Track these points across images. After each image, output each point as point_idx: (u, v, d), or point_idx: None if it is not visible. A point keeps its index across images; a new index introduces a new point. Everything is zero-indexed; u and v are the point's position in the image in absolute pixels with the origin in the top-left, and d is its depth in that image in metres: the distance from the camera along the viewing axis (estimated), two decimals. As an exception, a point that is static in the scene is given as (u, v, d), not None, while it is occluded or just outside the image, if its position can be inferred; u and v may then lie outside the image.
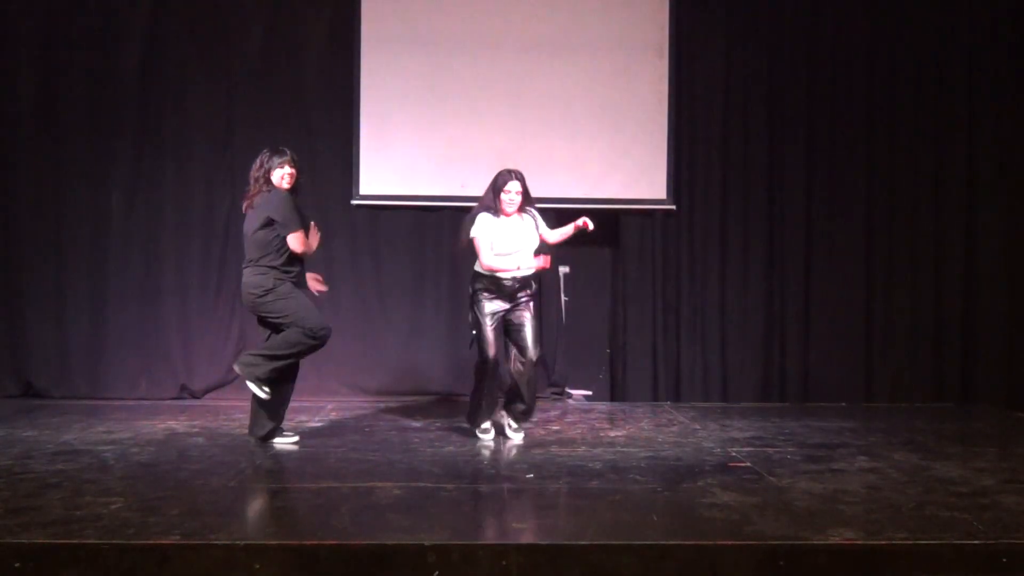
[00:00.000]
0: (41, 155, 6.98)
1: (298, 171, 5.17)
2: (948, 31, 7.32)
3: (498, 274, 5.24)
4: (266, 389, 4.98)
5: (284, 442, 5.18)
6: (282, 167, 5.08)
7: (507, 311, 5.28)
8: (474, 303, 5.32)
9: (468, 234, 5.31)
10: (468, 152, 7.08)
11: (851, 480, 4.43)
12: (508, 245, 5.27)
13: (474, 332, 5.33)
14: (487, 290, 5.27)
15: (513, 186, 5.29)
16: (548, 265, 5.38)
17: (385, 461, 4.79)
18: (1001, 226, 7.31)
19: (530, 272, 5.34)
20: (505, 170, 5.36)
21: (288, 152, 5.14)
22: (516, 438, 5.41)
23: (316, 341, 5.07)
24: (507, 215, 5.32)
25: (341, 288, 7.18)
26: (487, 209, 5.32)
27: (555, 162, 7.06)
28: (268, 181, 5.07)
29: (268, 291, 5.00)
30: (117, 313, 6.99)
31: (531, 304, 5.35)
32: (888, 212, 7.31)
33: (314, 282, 5.37)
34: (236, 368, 5.09)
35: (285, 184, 5.10)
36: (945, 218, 7.33)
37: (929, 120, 7.32)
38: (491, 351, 5.23)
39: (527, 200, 5.36)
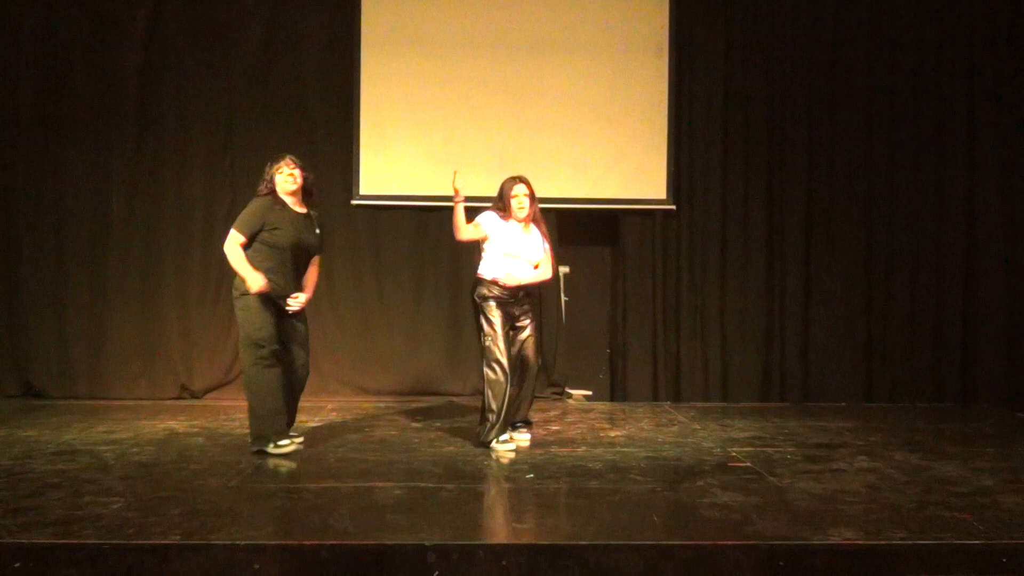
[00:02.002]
0: (41, 155, 6.98)
1: (302, 170, 4.97)
2: (948, 29, 7.32)
3: (503, 283, 5.15)
4: (282, 443, 4.85)
5: (279, 451, 4.88)
6: (280, 172, 4.93)
7: (514, 318, 5.22)
8: (485, 306, 5.16)
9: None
10: (468, 152, 7.08)
11: (851, 480, 4.43)
12: (514, 250, 5.22)
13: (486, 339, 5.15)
14: (497, 298, 5.16)
15: (520, 188, 5.24)
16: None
17: (385, 461, 4.79)
18: (1001, 226, 7.30)
19: (528, 281, 5.23)
20: (509, 177, 5.32)
21: (286, 155, 4.99)
22: (523, 438, 5.31)
23: (263, 351, 4.79)
24: (521, 220, 5.24)
25: (341, 288, 7.20)
26: (494, 209, 5.29)
27: (555, 162, 7.06)
28: (272, 191, 4.93)
29: (240, 295, 4.88)
30: (117, 313, 6.99)
31: (532, 313, 5.29)
32: (888, 212, 7.31)
33: (292, 299, 4.94)
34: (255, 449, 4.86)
35: (291, 186, 4.91)
36: (945, 217, 7.33)
37: (929, 119, 7.32)
38: (505, 356, 5.10)
39: (534, 205, 5.26)
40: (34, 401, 6.79)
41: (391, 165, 7.12)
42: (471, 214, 5.39)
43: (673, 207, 7.23)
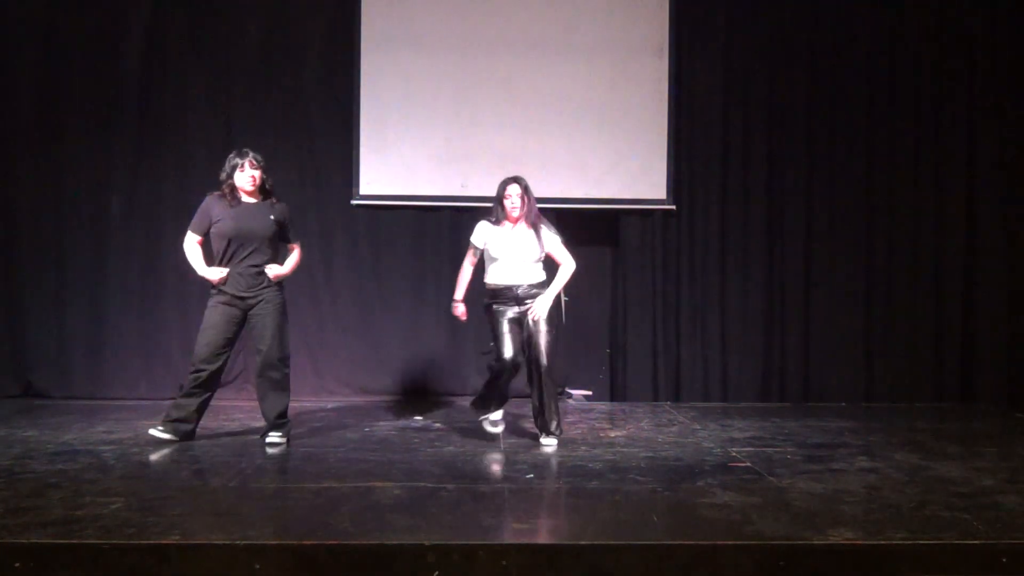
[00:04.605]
0: (41, 156, 6.98)
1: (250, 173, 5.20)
2: (949, 30, 7.32)
3: (494, 285, 5.27)
4: (159, 428, 5.15)
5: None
6: (243, 169, 5.18)
7: (520, 313, 5.25)
8: (487, 311, 5.34)
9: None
10: (468, 152, 7.08)
11: (851, 480, 4.43)
12: (502, 252, 5.26)
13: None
14: (494, 299, 5.28)
15: (512, 189, 5.29)
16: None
17: (385, 461, 4.79)
18: (1001, 225, 7.30)
19: (528, 285, 5.26)
20: (505, 178, 5.38)
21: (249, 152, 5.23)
22: (546, 445, 5.26)
23: (191, 375, 5.15)
24: (513, 220, 5.29)
25: (341, 288, 7.20)
26: (487, 218, 5.36)
27: (555, 162, 7.05)
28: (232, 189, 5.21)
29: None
30: (117, 313, 6.99)
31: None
32: (888, 212, 7.31)
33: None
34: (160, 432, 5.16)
35: (248, 186, 5.19)
36: (945, 217, 7.33)
37: (930, 119, 7.32)
38: (507, 352, 5.17)
39: (530, 204, 5.31)
40: (34, 401, 6.79)
41: (391, 165, 7.12)
42: (471, 214, 5.48)
43: (673, 207, 7.22)
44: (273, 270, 5.16)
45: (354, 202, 7.14)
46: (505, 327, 5.19)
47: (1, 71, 7.00)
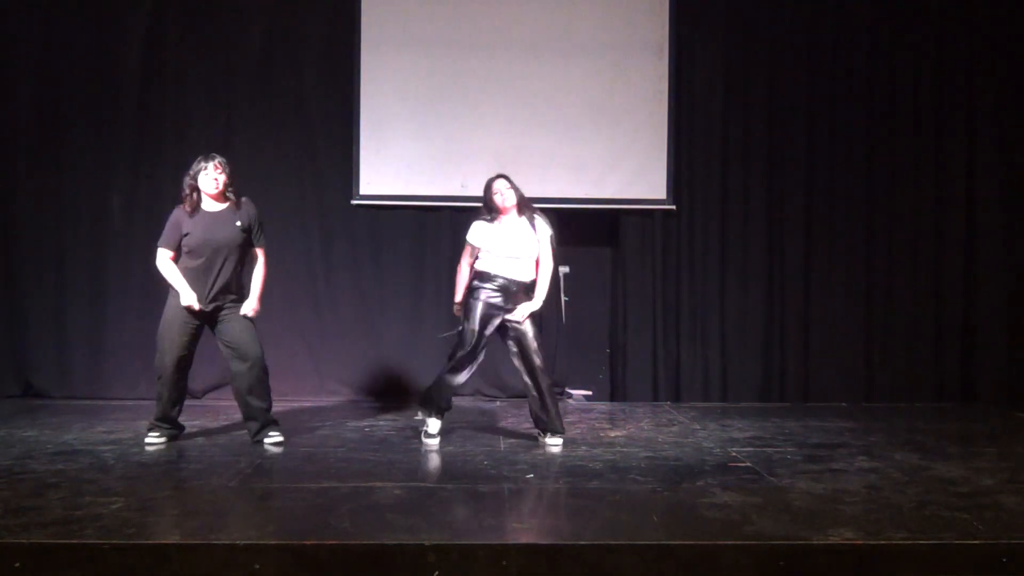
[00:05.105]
0: (41, 155, 6.98)
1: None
2: (949, 29, 7.32)
3: (485, 271, 5.24)
4: (154, 435, 5.16)
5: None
6: (207, 172, 5.12)
7: (503, 312, 5.22)
8: (471, 292, 5.27)
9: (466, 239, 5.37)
10: (468, 152, 7.08)
11: (851, 480, 4.44)
12: (500, 251, 5.25)
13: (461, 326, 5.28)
14: (482, 282, 5.24)
15: (500, 184, 5.29)
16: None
17: (385, 461, 4.79)
18: (1001, 225, 7.30)
19: (518, 284, 5.25)
20: (487, 180, 5.38)
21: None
22: (552, 444, 5.25)
23: (157, 378, 5.12)
24: (505, 211, 5.28)
25: (341, 288, 7.20)
26: (481, 217, 5.35)
27: (555, 162, 7.06)
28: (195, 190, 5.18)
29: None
30: (117, 313, 6.99)
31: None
32: (888, 211, 7.31)
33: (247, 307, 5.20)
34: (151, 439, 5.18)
35: (211, 189, 5.14)
36: (946, 217, 7.33)
37: (930, 119, 7.31)
38: (474, 323, 5.15)
39: (518, 192, 5.30)
40: (34, 401, 6.79)
41: (391, 165, 7.12)
42: (471, 214, 5.47)
43: (673, 207, 7.22)
44: (246, 307, 5.15)
45: (354, 202, 7.13)
46: (479, 307, 5.15)
47: (1, 71, 7.00)
